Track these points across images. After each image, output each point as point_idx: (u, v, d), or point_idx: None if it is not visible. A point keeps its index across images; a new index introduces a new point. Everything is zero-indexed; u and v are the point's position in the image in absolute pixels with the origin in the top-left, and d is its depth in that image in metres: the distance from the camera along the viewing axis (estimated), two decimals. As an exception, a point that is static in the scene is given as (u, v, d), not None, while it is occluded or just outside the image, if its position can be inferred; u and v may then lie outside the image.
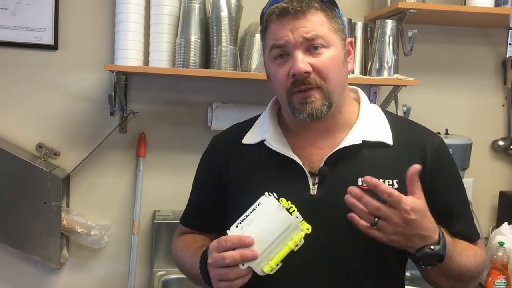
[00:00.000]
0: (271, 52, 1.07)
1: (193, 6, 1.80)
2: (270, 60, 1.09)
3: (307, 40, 1.03)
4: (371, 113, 1.14)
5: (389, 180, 1.06)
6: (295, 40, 1.03)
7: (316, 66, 1.03)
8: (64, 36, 1.91)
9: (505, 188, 2.20)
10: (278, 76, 1.07)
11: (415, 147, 1.11)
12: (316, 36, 1.03)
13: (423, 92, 2.08)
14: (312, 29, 1.03)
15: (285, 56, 1.06)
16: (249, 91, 2.00)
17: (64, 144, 1.95)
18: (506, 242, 1.77)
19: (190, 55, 1.79)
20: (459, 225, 1.12)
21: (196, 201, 1.27)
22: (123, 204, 2.00)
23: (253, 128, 1.19)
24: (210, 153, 1.24)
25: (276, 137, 1.12)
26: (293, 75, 1.03)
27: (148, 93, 1.98)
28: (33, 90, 1.92)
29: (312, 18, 1.04)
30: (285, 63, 1.05)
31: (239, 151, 1.17)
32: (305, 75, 1.02)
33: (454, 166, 1.16)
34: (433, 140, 1.13)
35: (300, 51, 1.03)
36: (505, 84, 2.19)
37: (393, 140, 1.10)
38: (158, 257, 1.94)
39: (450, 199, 1.12)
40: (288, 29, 1.03)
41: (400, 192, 1.02)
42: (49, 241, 1.84)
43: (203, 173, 1.25)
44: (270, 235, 0.95)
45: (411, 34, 1.85)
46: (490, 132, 2.21)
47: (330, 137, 1.11)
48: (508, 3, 1.94)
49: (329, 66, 1.04)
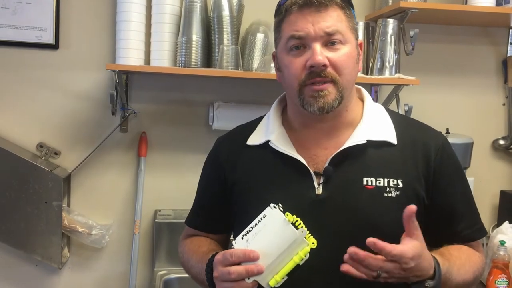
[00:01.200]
0: (288, 42, 1.06)
1: (195, 5, 1.80)
2: (284, 50, 1.08)
3: (327, 34, 1.03)
4: (375, 112, 1.15)
5: (394, 180, 1.07)
6: (315, 32, 1.03)
7: (333, 60, 1.04)
8: (65, 36, 1.90)
9: (506, 187, 2.20)
10: (292, 66, 1.06)
11: (419, 146, 1.11)
12: (336, 31, 1.04)
13: (425, 91, 2.08)
14: (333, 24, 1.03)
15: (301, 47, 1.05)
16: (250, 90, 2.00)
17: (65, 144, 1.94)
18: (507, 241, 1.77)
19: (192, 54, 1.79)
20: (462, 223, 1.12)
21: (202, 203, 1.27)
22: (124, 204, 2.00)
23: (257, 129, 1.19)
24: (215, 154, 1.23)
25: (281, 138, 1.12)
26: (310, 66, 1.03)
27: (149, 93, 1.98)
28: (34, 89, 1.91)
29: (333, 13, 1.04)
30: (301, 55, 1.05)
31: (244, 152, 1.17)
32: (322, 68, 1.03)
33: (458, 164, 1.16)
34: (437, 139, 1.14)
35: (319, 43, 1.03)
36: (506, 83, 2.19)
37: (397, 139, 1.11)
38: (159, 257, 1.94)
39: (454, 198, 1.12)
40: (309, 21, 1.03)
41: (404, 190, 1.05)
42: (50, 240, 1.83)
43: (209, 175, 1.25)
44: (276, 250, 0.95)
45: (412, 33, 1.85)
46: (491, 131, 2.21)
47: (335, 137, 1.11)
48: (509, 2, 1.94)
49: (345, 61, 1.05)
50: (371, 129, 1.10)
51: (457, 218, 1.11)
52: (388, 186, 1.06)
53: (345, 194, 1.06)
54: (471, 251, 1.14)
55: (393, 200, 1.06)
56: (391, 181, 1.06)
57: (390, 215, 1.05)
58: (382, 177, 1.07)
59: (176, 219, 1.91)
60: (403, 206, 1.05)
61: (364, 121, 1.11)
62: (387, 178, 1.06)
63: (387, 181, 1.07)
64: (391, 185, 1.07)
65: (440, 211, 1.10)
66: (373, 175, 1.07)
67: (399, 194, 1.06)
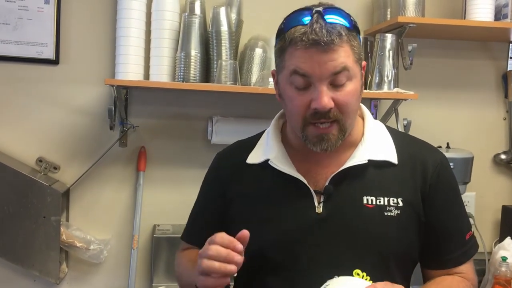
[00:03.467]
0: (291, 77, 1.02)
1: (194, 20, 1.81)
2: (287, 83, 1.04)
3: (334, 74, 0.99)
4: (376, 131, 1.14)
5: (394, 199, 1.07)
6: (321, 73, 0.99)
7: (338, 101, 1.00)
8: (65, 51, 1.92)
9: (507, 202, 2.18)
10: (296, 103, 1.03)
11: (418, 164, 1.11)
12: (343, 68, 0.99)
13: (424, 106, 2.07)
14: (340, 63, 0.99)
15: (304, 85, 1.01)
16: (249, 105, 2.00)
17: (64, 158, 1.95)
18: (509, 257, 1.75)
19: (191, 69, 1.80)
20: (449, 244, 1.12)
21: (200, 218, 1.25)
22: (123, 219, 2.00)
23: (256, 148, 1.18)
24: (216, 170, 1.23)
25: (281, 157, 1.12)
26: (315, 108, 1.00)
27: (148, 107, 1.98)
28: (34, 104, 1.92)
29: (340, 50, 0.99)
30: (305, 92, 1.01)
31: (243, 170, 1.16)
32: (328, 110, 1.00)
33: (454, 184, 1.16)
34: (435, 156, 1.14)
35: (324, 85, 0.99)
36: (506, 98, 2.18)
37: (398, 158, 1.10)
38: (158, 272, 1.93)
39: (446, 216, 1.12)
40: (315, 61, 0.98)
41: (404, 209, 1.05)
42: (48, 255, 1.83)
43: (208, 190, 1.24)
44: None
45: (410, 48, 1.86)
46: (491, 145, 2.20)
47: (336, 156, 1.10)
48: (508, 17, 1.95)
49: (350, 100, 1.02)
50: (372, 149, 1.10)
51: (447, 238, 1.11)
52: (389, 205, 1.06)
53: (345, 213, 1.05)
54: (455, 281, 1.11)
55: (393, 219, 1.06)
56: (391, 200, 1.06)
57: (391, 234, 1.05)
58: (382, 196, 1.07)
59: (175, 234, 1.91)
60: (403, 225, 1.06)
61: (366, 141, 1.11)
62: (388, 197, 1.06)
63: (387, 200, 1.07)
64: (391, 204, 1.07)
65: (432, 228, 1.10)
66: (373, 194, 1.07)
67: (400, 213, 1.06)
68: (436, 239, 1.10)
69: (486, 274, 1.93)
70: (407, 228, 1.08)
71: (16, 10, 1.87)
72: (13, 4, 1.87)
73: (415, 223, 1.09)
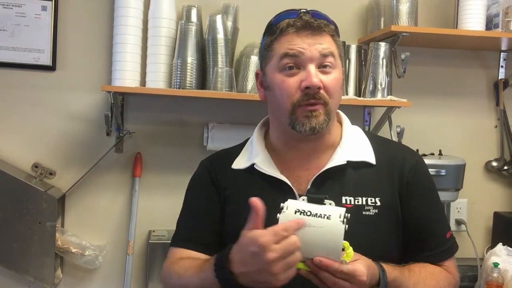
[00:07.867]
0: (282, 61, 1.08)
1: (190, 28, 1.83)
2: (276, 69, 1.09)
3: (322, 56, 1.06)
4: (354, 134, 1.19)
5: (372, 198, 1.11)
6: (311, 53, 1.06)
7: (326, 83, 1.07)
8: (62, 57, 1.93)
9: (499, 209, 2.21)
10: (286, 86, 1.07)
11: (395, 164, 1.15)
12: (330, 53, 1.08)
13: (417, 113, 2.10)
14: (328, 47, 1.07)
15: (294, 68, 1.07)
16: (244, 111, 2.02)
17: (60, 164, 1.95)
18: (500, 263, 1.77)
19: (187, 76, 1.82)
20: (429, 242, 1.14)
21: (193, 222, 1.25)
22: (118, 224, 2.00)
23: (241, 154, 1.21)
24: (203, 175, 1.24)
25: (266, 161, 1.16)
26: (306, 87, 1.05)
27: (144, 114, 2.00)
28: (30, 110, 1.93)
29: (327, 37, 1.09)
30: (295, 75, 1.07)
31: (230, 175, 1.19)
32: (317, 90, 1.06)
33: (431, 184, 1.19)
34: (411, 157, 1.18)
35: (314, 65, 1.06)
36: (497, 106, 2.21)
37: (375, 159, 1.15)
38: (153, 278, 1.92)
39: (422, 214, 1.15)
40: (306, 42, 1.06)
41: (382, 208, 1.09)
42: (43, 261, 1.83)
43: (198, 194, 1.25)
44: (315, 252, 0.93)
45: (404, 56, 1.88)
46: (483, 153, 2.23)
47: (316, 158, 1.14)
48: (498, 26, 1.99)
49: (335, 86, 1.09)
50: (350, 150, 1.14)
51: (423, 235, 1.14)
52: (367, 205, 1.10)
53: None
54: (437, 270, 1.14)
55: (371, 218, 1.10)
56: (369, 200, 1.10)
57: (369, 233, 1.08)
58: (360, 196, 1.10)
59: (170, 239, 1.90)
60: (381, 224, 1.09)
61: (344, 143, 1.16)
62: (365, 197, 1.10)
63: (365, 199, 1.10)
64: (369, 203, 1.10)
65: (410, 227, 1.13)
66: (351, 194, 1.10)
67: (377, 212, 1.10)
68: (415, 237, 1.13)
69: (478, 280, 1.95)
70: (385, 227, 1.11)
71: (13, 16, 1.88)
72: (10, 10, 1.88)
73: (393, 222, 1.12)
